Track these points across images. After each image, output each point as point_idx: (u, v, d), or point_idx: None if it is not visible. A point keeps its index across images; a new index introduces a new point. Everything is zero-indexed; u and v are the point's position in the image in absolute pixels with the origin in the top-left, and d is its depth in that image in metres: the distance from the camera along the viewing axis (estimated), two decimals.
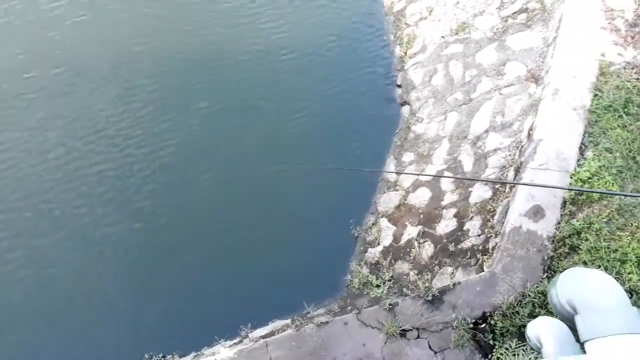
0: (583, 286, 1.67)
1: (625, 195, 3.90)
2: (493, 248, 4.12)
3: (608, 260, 3.71)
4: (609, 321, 1.52)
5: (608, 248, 3.77)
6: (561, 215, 4.01)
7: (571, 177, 4.15)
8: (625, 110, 4.37)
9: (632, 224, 3.87)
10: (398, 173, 5.66)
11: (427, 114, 6.05)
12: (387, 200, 5.67)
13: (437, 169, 5.46)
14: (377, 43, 7.01)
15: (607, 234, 3.85)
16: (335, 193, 5.83)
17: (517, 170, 4.41)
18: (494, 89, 5.52)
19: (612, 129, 4.33)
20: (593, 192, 3.82)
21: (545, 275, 3.76)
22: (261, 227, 5.55)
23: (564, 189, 3.94)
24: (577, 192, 4.04)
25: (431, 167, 5.55)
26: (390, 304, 3.83)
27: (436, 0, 6.65)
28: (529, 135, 4.54)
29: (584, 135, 4.35)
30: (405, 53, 6.68)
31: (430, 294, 3.81)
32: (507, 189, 4.47)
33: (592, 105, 4.45)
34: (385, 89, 6.65)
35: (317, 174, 5.91)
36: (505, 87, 5.43)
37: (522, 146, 4.63)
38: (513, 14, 5.86)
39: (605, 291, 1.64)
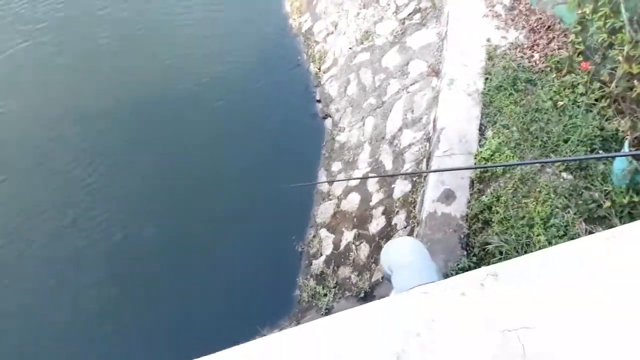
0: (392, 250, 1.87)
1: (519, 165, 4.19)
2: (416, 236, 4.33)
3: (518, 228, 3.96)
4: (410, 276, 1.71)
5: (516, 216, 4.03)
6: (471, 194, 4.26)
7: (475, 158, 4.42)
8: (515, 87, 4.70)
9: (535, 189, 4.15)
10: (327, 182, 5.85)
11: (348, 122, 6.29)
12: (324, 211, 5.84)
13: (362, 172, 5.68)
14: (292, 63, 7.25)
15: (515, 203, 4.12)
16: (274, 213, 5.98)
17: (427, 160, 4.66)
18: (401, 89, 5.81)
19: (505, 107, 4.64)
20: (491, 167, 4.09)
21: (464, 253, 3.98)
22: (204, 258, 5.63)
23: (465, 168, 4.19)
24: (483, 170, 4.31)
25: (357, 171, 5.76)
26: (326, 309, 3.96)
27: (339, 15, 6.95)
28: (434, 126, 4.82)
29: (481, 117, 4.65)
30: (319, 69, 6.94)
31: (363, 292, 3.97)
32: (423, 179, 4.71)
33: (484, 89, 4.77)
34: (307, 105, 6.87)
35: (255, 197, 6.05)
36: (411, 85, 5.72)
37: (430, 137, 4.90)
38: (408, 15, 6.20)
39: (405, 251, 1.84)
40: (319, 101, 6.81)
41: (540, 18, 5.14)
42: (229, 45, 7.49)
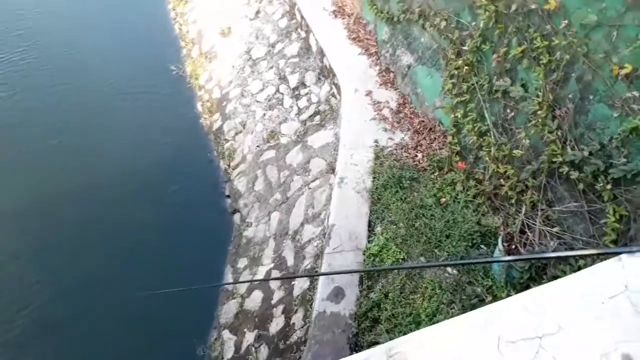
0: None
1: (405, 269, 4.36)
2: None
3: (405, 325, 4.04)
4: None
5: (404, 313, 4.13)
6: (360, 291, 4.35)
7: (364, 254, 4.56)
8: (400, 185, 5.00)
9: (422, 285, 4.30)
10: (230, 283, 5.78)
11: (255, 217, 6.37)
12: (228, 311, 5.72)
13: (266, 269, 5.67)
14: (203, 160, 7.39)
15: (402, 299, 4.23)
16: (176, 316, 5.76)
17: (320, 256, 4.75)
18: (304, 185, 6.01)
19: (392, 204, 4.89)
20: (377, 270, 4.23)
21: (352, 354, 3.98)
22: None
23: (354, 272, 4.30)
24: (371, 265, 4.44)
25: (262, 268, 5.75)
26: None
27: (247, 115, 7.26)
28: (327, 223, 4.97)
29: (370, 214, 4.86)
30: (229, 165, 7.09)
31: None
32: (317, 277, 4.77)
33: (372, 187, 5.03)
34: (216, 200, 6.93)
35: (155, 300, 5.83)
36: (312, 182, 5.94)
37: (326, 233, 5.03)
38: (309, 117, 6.57)
39: None
40: (228, 196, 6.89)
41: (423, 121, 5.60)
42: (143, 145, 7.55)
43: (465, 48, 4.65)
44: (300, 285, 5.12)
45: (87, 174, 7.11)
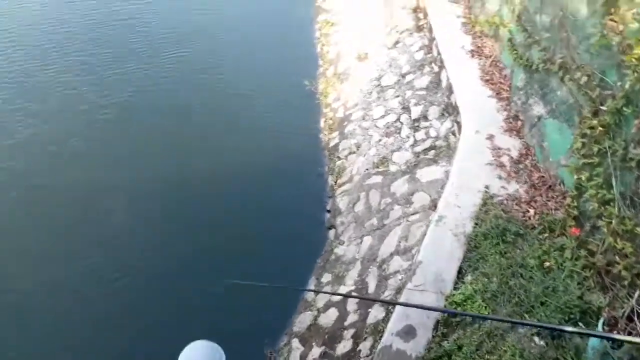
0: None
1: (491, 319, 4.06)
2: None
3: None
4: None
5: None
6: (433, 336, 4.14)
7: (446, 300, 4.34)
8: (503, 238, 4.69)
9: (501, 347, 3.98)
10: (310, 290, 5.83)
11: (348, 237, 6.39)
12: (302, 321, 5.78)
13: (347, 290, 5.65)
14: (313, 173, 7.62)
15: (477, 357, 3.95)
16: (255, 313, 5.95)
17: (400, 290, 4.62)
18: (402, 216, 5.92)
19: (490, 255, 4.61)
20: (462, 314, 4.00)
21: None
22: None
23: (434, 309, 4.11)
24: (450, 314, 4.21)
25: (343, 287, 5.74)
26: None
27: (363, 138, 7.35)
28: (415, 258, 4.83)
29: (463, 260, 4.63)
30: (336, 182, 7.23)
31: None
32: (393, 309, 4.63)
33: (472, 233, 4.79)
34: (316, 213, 7.08)
35: (238, 293, 6.07)
36: (411, 214, 5.83)
37: (412, 268, 4.89)
38: (424, 150, 6.48)
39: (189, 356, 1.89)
40: (328, 211, 7.01)
41: (543, 176, 5.24)
42: (262, 148, 7.99)
43: (604, 108, 4.28)
44: (375, 314, 5.02)
45: (205, 166, 7.66)
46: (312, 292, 6.11)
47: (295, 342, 5.55)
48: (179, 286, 6.06)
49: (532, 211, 4.96)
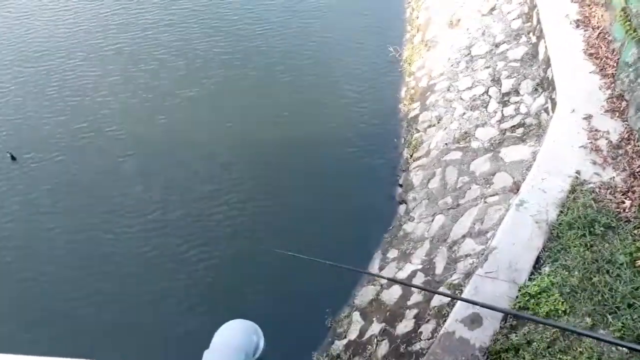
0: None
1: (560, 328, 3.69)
2: None
3: None
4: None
5: None
6: (500, 327, 3.85)
7: (519, 290, 4.01)
8: (590, 229, 4.23)
9: (576, 348, 3.63)
10: (369, 274, 5.68)
11: (419, 214, 6.12)
12: (365, 294, 5.67)
13: (413, 269, 5.43)
14: (388, 144, 7.35)
15: (547, 355, 3.63)
16: (319, 283, 5.90)
17: (469, 275, 4.33)
18: (480, 197, 5.54)
19: (573, 247, 4.18)
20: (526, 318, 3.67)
21: None
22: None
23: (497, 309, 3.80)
24: (522, 307, 3.89)
25: (409, 265, 5.53)
26: None
27: (445, 110, 6.93)
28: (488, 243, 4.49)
29: (542, 250, 4.24)
30: (411, 156, 6.92)
31: None
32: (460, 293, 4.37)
33: (556, 221, 4.36)
34: (387, 187, 6.86)
35: (301, 263, 6.05)
36: (490, 196, 5.43)
37: (484, 253, 4.56)
38: (511, 127, 5.98)
39: (224, 335, 1.77)
40: (400, 185, 6.75)
41: None
42: (338, 112, 7.83)
43: None
44: (440, 297, 4.77)
45: (280, 133, 7.63)
46: (377, 267, 5.96)
47: (356, 315, 5.46)
48: (239, 253, 6.16)
49: (628, 203, 4.40)
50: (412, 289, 5.18)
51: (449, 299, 4.64)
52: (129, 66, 8.90)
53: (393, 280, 5.22)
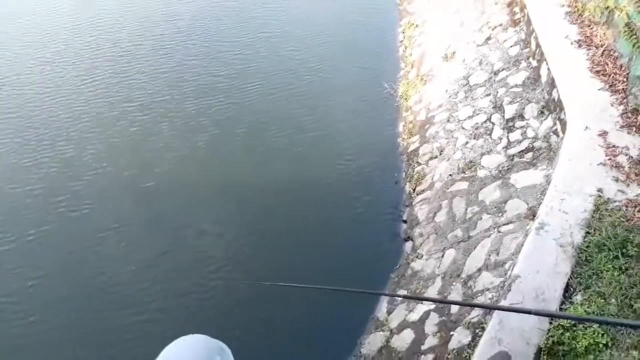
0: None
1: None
2: None
3: None
4: None
5: None
6: None
7: (550, 323, 3.47)
8: (623, 251, 3.75)
9: None
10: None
11: (427, 250, 5.63)
12: (373, 342, 5.09)
13: (425, 309, 4.88)
14: (389, 179, 6.96)
15: None
16: (322, 325, 5.38)
17: (490, 311, 3.80)
18: (493, 227, 5.07)
19: (606, 271, 3.69)
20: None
21: None
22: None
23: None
24: (556, 342, 3.35)
25: (420, 306, 4.97)
26: None
27: (447, 141, 6.59)
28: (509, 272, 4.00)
29: (571, 276, 3.74)
30: (414, 190, 6.51)
31: None
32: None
33: (582, 244, 3.89)
34: (392, 224, 6.40)
35: (304, 300, 5.53)
36: (504, 224, 4.97)
37: (506, 283, 4.05)
38: (519, 152, 5.61)
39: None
40: (405, 221, 6.29)
41: None
42: (335, 150, 7.50)
43: None
44: (458, 338, 4.21)
45: (279, 169, 7.25)
46: (385, 311, 5.41)
47: None
48: (239, 291, 5.65)
49: None
50: (426, 331, 4.62)
51: (469, 340, 4.09)
52: (112, 129, 8.31)
53: (416, 299, 4.67)
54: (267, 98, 8.62)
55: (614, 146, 4.63)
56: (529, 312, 2.16)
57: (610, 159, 4.51)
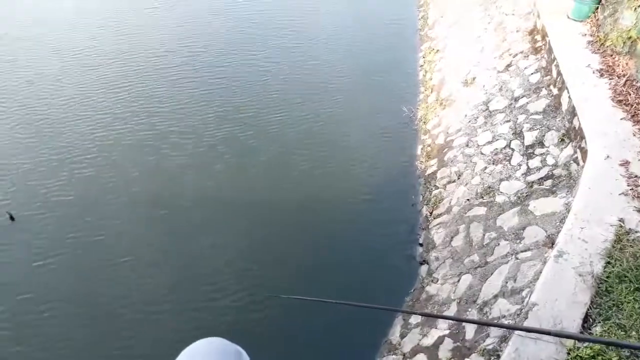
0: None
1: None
2: None
3: None
4: None
5: None
6: None
7: (568, 353, 3.41)
8: None
9: None
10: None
11: (443, 275, 5.58)
12: None
13: (439, 335, 4.82)
14: (406, 202, 6.94)
15: None
16: (336, 349, 5.35)
17: (506, 339, 3.74)
18: (511, 253, 5.02)
19: (627, 303, 3.62)
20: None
21: None
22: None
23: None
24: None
25: (434, 331, 4.92)
26: None
27: (465, 166, 6.57)
28: (526, 300, 3.94)
29: (590, 306, 3.67)
30: (431, 213, 6.48)
31: None
32: None
33: (602, 274, 3.83)
34: (408, 247, 6.37)
35: (314, 323, 5.52)
36: (522, 251, 4.92)
37: (523, 311, 3.99)
38: (539, 179, 5.57)
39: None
40: (420, 244, 6.26)
41: None
42: (352, 173, 7.52)
43: None
44: None
45: (296, 191, 7.28)
46: (398, 335, 5.36)
47: None
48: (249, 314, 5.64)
49: None
50: (440, 356, 4.56)
51: None
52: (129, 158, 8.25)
53: (434, 316, 4.59)
54: (288, 121, 8.68)
55: (636, 176, 4.58)
56: (548, 332, 2.10)
57: (632, 189, 4.46)
